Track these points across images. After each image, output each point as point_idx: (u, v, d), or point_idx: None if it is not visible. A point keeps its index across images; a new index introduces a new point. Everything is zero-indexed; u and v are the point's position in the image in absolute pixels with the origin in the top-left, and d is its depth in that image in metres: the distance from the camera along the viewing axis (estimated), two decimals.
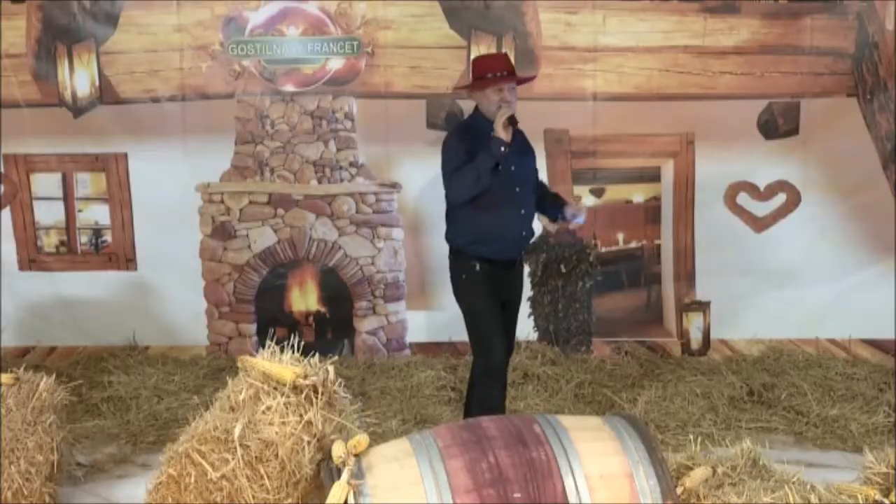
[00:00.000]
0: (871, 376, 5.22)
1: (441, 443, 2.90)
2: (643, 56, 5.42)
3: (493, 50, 5.38)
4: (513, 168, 3.97)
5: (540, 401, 4.96)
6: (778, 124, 5.49)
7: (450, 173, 3.93)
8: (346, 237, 5.65)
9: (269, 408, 3.12)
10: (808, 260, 5.54)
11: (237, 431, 3.03)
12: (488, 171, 3.84)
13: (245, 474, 3.00)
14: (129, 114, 5.53)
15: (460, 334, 4.13)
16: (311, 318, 5.75)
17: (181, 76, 5.47)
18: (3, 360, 5.00)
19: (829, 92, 5.43)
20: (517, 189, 4.01)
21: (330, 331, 5.77)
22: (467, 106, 4.68)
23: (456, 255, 4.11)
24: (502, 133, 3.83)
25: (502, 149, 3.82)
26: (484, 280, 4.03)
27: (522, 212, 4.07)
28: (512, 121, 3.87)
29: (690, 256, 5.65)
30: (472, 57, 4.18)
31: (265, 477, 3.01)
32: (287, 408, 3.11)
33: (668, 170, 5.61)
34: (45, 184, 5.67)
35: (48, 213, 5.69)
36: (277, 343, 3.33)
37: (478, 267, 4.02)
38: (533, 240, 4.27)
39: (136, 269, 5.71)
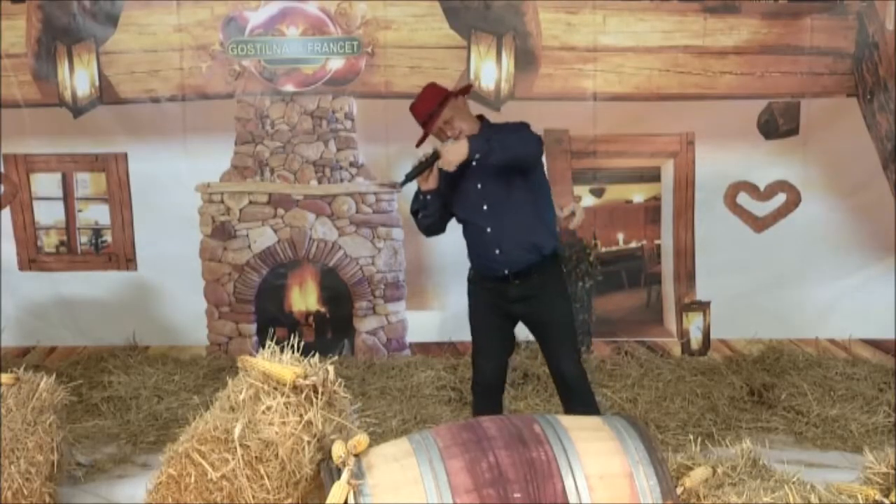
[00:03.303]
0: (871, 376, 5.22)
1: (441, 443, 2.90)
2: (643, 56, 5.42)
3: (494, 50, 5.38)
4: (479, 186, 3.85)
5: (540, 401, 4.96)
6: (778, 124, 5.49)
7: None
8: (346, 237, 5.66)
9: (269, 408, 3.12)
10: (808, 260, 5.54)
11: (237, 431, 3.03)
12: (415, 215, 3.94)
13: (245, 474, 3.00)
14: (129, 114, 5.53)
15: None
16: (311, 318, 5.75)
17: (181, 76, 5.48)
18: (3, 360, 5.00)
19: (829, 92, 5.43)
20: (484, 207, 3.85)
21: (330, 331, 5.77)
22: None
23: None
24: (422, 183, 3.80)
25: (421, 197, 3.85)
26: (478, 290, 3.98)
27: (488, 230, 3.84)
28: (418, 171, 3.73)
29: (690, 256, 5.65)
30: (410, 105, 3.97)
31: (265, 477, 3.01)
32: (287, 408, 3.11)
33: (668, 170, 5.61)
34: (45, 184, 5.67)
35: (48, 213, 5.70)
36: (277, 343, 3.33)
37: (471, 274, 4.01)
38: (526, 255, 3.88)
39: (136, 269, 5.71)
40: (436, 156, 3.74)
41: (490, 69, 5.41)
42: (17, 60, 5.48)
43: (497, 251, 3.86)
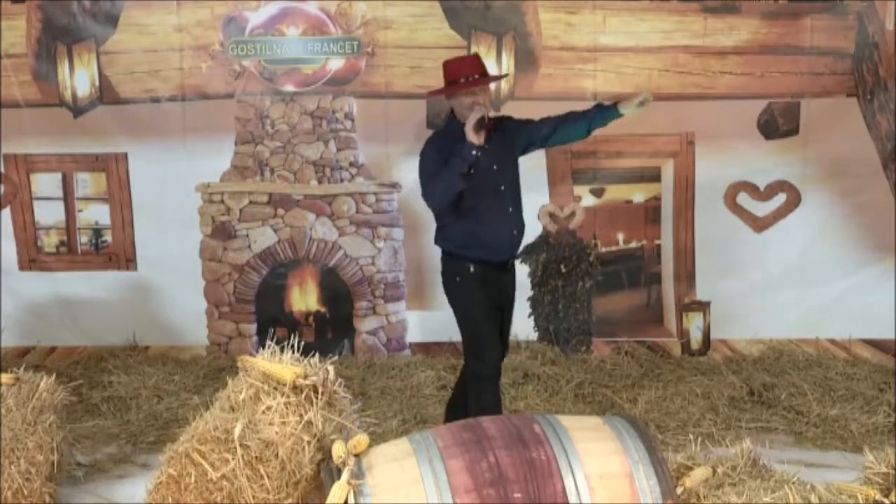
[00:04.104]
0: (871, 376, 5.22)
1: (441, 443, 2.90)
2: (643, 56, 5.42)
3: (494, 50, 5.38)
4: (495, 167, 3.93)
5: (540, 401, 4.96)
6: (778, 124, 5.49)
7: (426, 180, 3.90)
8: (346, 237, 5.66)
9: (269, 408, 3.12)
10: (808, 260, 5.54)
11: (237, 431, 3.04)
12: (461, 176, 3.77)
13: (245, 474, 3.00)
14: (129, 114, 5.53)
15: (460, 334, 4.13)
16: (311, 318, 5.75)
17: (181, 76, 5.48)
18: (3, 360, 5.00)
19: (829, 92, 5.43)
20: (502, 187, 3.96)
21: (330, 331, 5.77)
22: None
23: (449, 258, 4.04)
24: (473, 137, 3.71)
25: (473, 153, 3.72)
26: (479, 283, 3.97)
27: (510, 210, 3.99)
28: (481, 123, 3.73)
29: (690, 256, 5.65)
30: (443, 61, 4.04)
31: (265, 477, 3.01)
32: (287, 408, 3.11)
33: (668, 170, 5.61)
34: (45, 184, 5.67)
35: (48, 213, 5.70)
36: (277, 343, 3.33)
37: (472, 269, 3.95)
38: (525, 238, 4.12)
39: (136, 269, 5.71)
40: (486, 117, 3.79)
41: (490, 69, 5.40)
42: (17, 60, 5.48)
43: (515, 231, 4.01)
